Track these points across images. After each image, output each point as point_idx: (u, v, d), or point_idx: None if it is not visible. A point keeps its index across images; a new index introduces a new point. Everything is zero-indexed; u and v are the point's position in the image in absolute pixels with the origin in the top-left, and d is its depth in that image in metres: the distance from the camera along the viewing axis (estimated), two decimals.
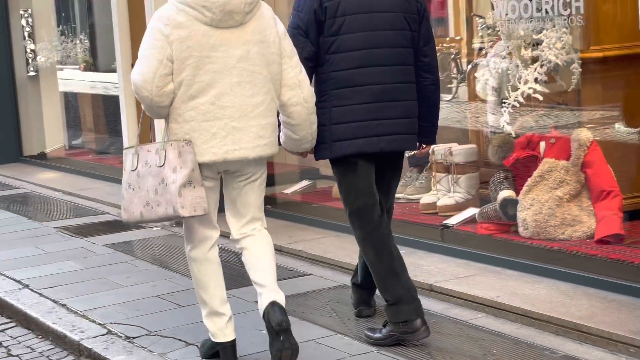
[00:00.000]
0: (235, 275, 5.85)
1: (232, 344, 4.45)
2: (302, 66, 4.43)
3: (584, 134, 5.69)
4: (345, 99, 4.54)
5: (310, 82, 4.55)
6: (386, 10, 4.57)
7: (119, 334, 5.04)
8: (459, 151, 6.60)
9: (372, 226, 4.62)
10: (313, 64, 4.58)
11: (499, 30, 5.92)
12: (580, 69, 5.57)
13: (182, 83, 4.19)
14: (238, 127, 4.24)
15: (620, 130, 5.79)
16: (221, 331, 4.44)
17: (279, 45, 4.34)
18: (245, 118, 4.26)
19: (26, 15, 11.62)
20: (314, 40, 4.54)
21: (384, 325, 4.65)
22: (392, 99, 4.58)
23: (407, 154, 4.85)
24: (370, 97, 4.55)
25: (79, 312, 5.46)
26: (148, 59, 4.18)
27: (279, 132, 4.52)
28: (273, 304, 4.30)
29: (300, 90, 4.38)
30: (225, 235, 4.54)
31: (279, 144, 4.54)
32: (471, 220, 6.13)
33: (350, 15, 4.52)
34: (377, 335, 4.64)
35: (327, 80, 4.57)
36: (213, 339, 4.47)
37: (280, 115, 4.47)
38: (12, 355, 5.21)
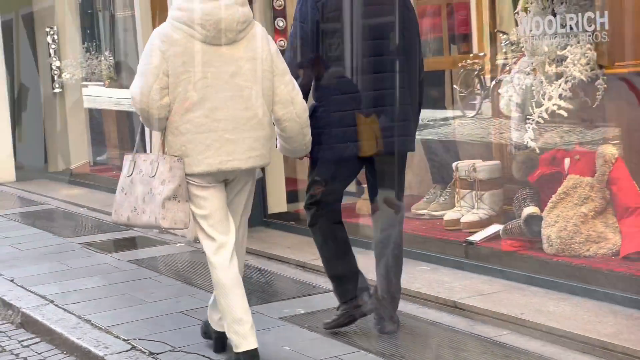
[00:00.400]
0: (259, 291, 5.85)
1: (255, 352, 4.46)
2: (295, 83, 4.64)
3: (609, 150, 5.65)
4: (344, 104, 4.79)
5: (309, 89, 4.82)
6: (382, 20, 4.82)
7: (143, 349, 5.05)
8: (483, 167, 6.59)
9: (324, 217, 4.89)
10: (312, 71, 4.80)
11: (523, 47, 5.90)
12: (605, 85, 5.54)
13: (177, 97, 4.39)
14: (232, 139, 4.44)
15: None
16: (244, 339, 4.47)
17: (271, 63, 4.54)
18: (239, 130, 4.45)
19: (52, 32, 11.70)
20: (314, 49, 4.76)
21: (337, 309, 4.97)
22: (389, 103, 4.81)
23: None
24: (369, 103, 4.79)
25: (103, 327, 5.47)
26: (145, 73, 4.43)
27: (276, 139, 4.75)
28: None
29: (293, 107, 4.59)
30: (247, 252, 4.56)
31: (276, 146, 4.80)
32: (495, 237, 6.11)
33: (350, 25, 4.76)
34: (333, 318, 4.96)
35: (327, 87, 4.80)
36: (236, 350, 4.49)
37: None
38: None
